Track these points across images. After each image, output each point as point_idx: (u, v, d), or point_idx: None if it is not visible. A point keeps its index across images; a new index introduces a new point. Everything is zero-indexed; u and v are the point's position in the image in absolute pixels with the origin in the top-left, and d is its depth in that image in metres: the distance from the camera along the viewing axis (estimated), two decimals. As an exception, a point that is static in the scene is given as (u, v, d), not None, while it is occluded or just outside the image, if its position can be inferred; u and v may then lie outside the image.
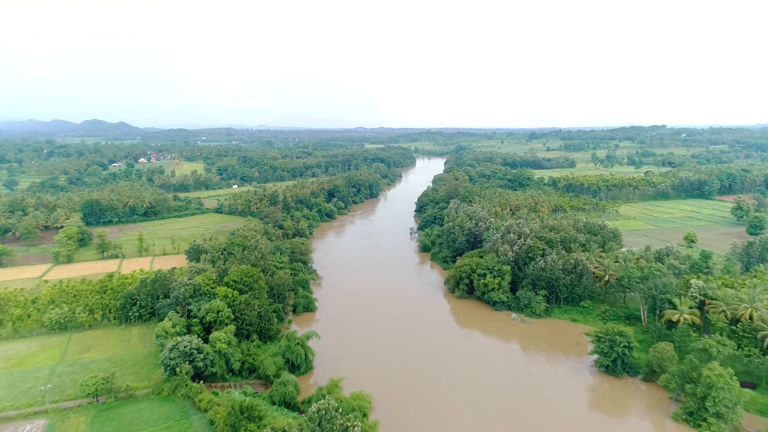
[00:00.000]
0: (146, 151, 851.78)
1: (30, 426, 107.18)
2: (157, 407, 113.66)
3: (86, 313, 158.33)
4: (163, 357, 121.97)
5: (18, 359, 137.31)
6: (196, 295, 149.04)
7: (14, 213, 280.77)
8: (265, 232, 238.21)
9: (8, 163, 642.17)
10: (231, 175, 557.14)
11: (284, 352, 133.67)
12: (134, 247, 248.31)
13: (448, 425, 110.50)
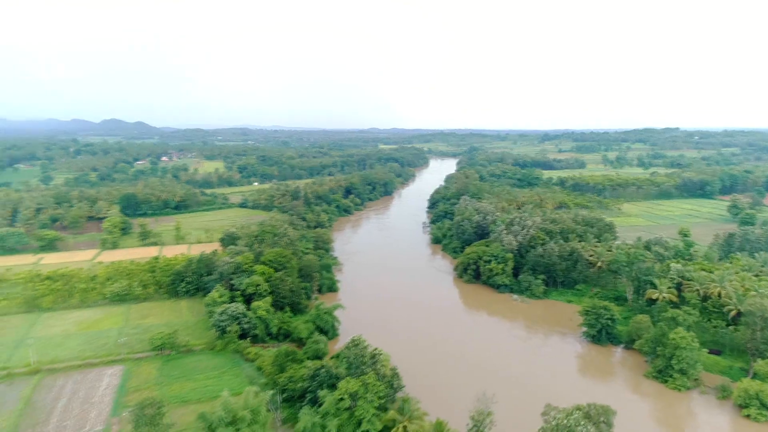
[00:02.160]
0: (167, 150, 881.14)
1: (111, 370, 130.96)
2: (212, 359, 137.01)
3: (141, 287, 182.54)
4: (215, 319, 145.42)
5: (89, 323, 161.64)
6: (238, 271, 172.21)
7: (61, 205, 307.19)
8: (290, 223, 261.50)
9: (39, 161, 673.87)
10: (251, 173, 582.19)
11: (314, 320, 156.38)
12: (171, 236, 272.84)
13: (454, 382, 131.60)
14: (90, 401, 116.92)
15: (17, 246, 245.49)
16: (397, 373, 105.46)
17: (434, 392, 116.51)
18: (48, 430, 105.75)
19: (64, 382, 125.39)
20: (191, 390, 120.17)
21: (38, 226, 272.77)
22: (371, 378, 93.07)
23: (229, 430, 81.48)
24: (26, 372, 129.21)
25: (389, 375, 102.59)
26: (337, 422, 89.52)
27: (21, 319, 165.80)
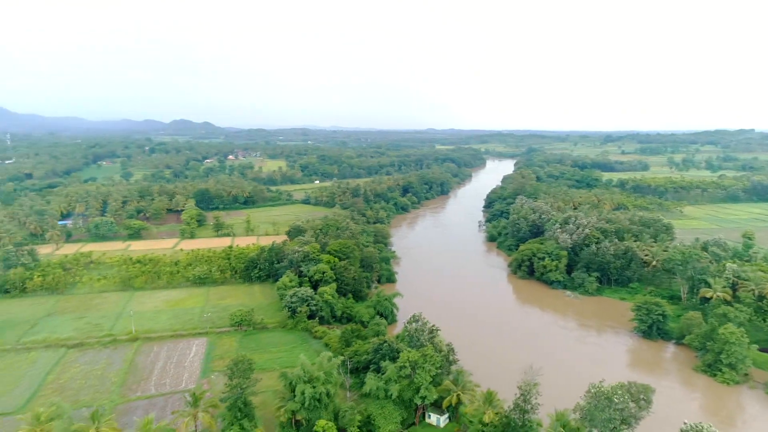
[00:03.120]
0: (233, 149, 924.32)
1: (197, 341, 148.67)
2: (284, 335, 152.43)
3: (219, 272, 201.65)
4: (286, 301, 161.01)
5: (175, 301, 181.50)
6: (306, 259, 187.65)
7: (144, 198, 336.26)
8: (351, 218, 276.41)
9: (119, 158, 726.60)
10: (312, 171, 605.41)
11: (375, 305, 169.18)
12: (242, 228, 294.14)
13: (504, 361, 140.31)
14: (182, 365, 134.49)
15: (109, 234, 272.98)
16: (452, 348, 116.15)
17: (485, 368, 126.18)
18: (150, 386, 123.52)
19: (159, 349, 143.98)
20: (267, 360, 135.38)
21: (125, 216, 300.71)
22: (429, 350, 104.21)
23: (307, 386, 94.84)
24: (127, 339, 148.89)
25: (445, 350, 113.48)
26: (398, 387, 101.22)
27: (118, 296, 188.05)
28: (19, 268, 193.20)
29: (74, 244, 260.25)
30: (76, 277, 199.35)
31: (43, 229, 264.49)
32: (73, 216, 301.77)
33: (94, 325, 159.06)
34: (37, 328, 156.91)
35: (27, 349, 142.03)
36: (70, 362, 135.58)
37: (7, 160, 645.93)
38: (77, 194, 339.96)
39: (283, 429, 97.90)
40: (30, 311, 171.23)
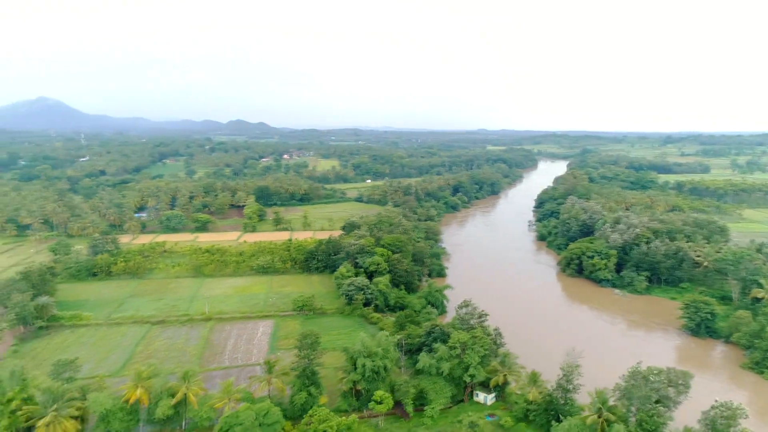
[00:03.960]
0: (287, 148, 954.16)
1: (264, 323, 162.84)
2: (341, 320, 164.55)
3: (281, 262, 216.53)
4: (344, 289, 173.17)
5: (242, 288, 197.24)
6: (362, 252, 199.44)
7: (209, 194, 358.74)
8: (403, 215, 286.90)
9: (182, 157, 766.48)
10: (364, 171, 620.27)
11: (426, 296, 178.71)
12: (299, 223, 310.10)
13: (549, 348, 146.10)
14: (251, 342, 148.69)
15: (178, 226, 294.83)
16: (499, 332, 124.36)
17: (531, 352, 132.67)
18: (224, 359, 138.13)
19: (230, 329, 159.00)
20: (326, 341, 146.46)
21: (192, 210, 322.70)
22: (479, 332, 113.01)
23: (367, 360, 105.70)
24: (202, 319, 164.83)
25: (493, 333, 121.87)
26: (449, 365, 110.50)
27: (190, 281, 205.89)
28: (105, 254, 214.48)
29: (148, 235, 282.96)
30: (153, 264, 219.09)
31: (122, 221, 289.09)
32: (148, 209, 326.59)
33: (171, 306, 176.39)
34: (124, 307, 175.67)
35: (117, 324, 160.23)
36: (154, 336, 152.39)
37: (81, 158, 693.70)
38: (148, 189, 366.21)
39: (344, 397, 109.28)
40: (116, 292, 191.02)
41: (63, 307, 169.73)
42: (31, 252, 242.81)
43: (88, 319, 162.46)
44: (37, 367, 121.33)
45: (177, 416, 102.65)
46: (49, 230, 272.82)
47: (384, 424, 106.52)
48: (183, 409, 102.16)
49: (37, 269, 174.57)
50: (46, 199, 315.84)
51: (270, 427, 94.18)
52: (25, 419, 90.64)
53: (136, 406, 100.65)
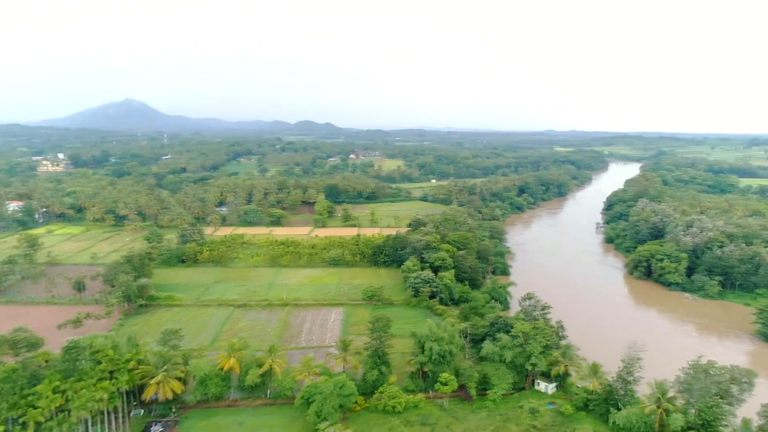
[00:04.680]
0: (353, 149, 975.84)
1: (335, 310, 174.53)
2: (408, 311, 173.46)
3: (350, 255, 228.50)
4: (410, 281, 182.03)
5: (315, 278, 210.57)
6: (427, 248, 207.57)
7: (282, 190, 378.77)
8: (468, 214, 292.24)
9: (255, 155, 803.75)
10: (429, 171, 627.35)
11: (490, 292, 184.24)
12: (366, 220, 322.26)
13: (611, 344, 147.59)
14: (325, 327, 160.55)
15: (255, 220, 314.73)
16: (562, 325, 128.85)
17: (592, 346, 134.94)
18: (301, 340, 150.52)
19: (305, 314, 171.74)
20: (394, 329, 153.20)
21: (267, 206, 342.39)
22: (541, 324, 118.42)
23: (434, 344, 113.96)
24: (279, 304, 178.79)
25: (555, 326, 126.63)
26: (511, 353, 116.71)
27: (268, 270, 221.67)
28: (192, 243, 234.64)
29: (228, 228, 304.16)
30: (234, 254, 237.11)
31: (205, 214, 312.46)
32: (228, 204, 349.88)
33: (252, 292, 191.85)
34: (210, 291, 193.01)
35: (205, 306, 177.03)
36: (237, 318, 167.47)
37: (164, 156, 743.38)
38: (227, 186, 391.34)
39: (412, 378, 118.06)
40: (202, 278, 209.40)
41: (158, 289, 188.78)
42: (127, 240, 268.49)
43: (181, 300, 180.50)
44: (141, 338, 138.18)
45: (263, 385, 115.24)
46: (142, 221, 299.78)
47: (448, 405, 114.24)
48: (268, 379, 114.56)
49: (138, 254, 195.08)
50: (138, 193, 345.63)
51: (346, 398, 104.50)
52: (140, 377, 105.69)
53: (228, 373, 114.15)
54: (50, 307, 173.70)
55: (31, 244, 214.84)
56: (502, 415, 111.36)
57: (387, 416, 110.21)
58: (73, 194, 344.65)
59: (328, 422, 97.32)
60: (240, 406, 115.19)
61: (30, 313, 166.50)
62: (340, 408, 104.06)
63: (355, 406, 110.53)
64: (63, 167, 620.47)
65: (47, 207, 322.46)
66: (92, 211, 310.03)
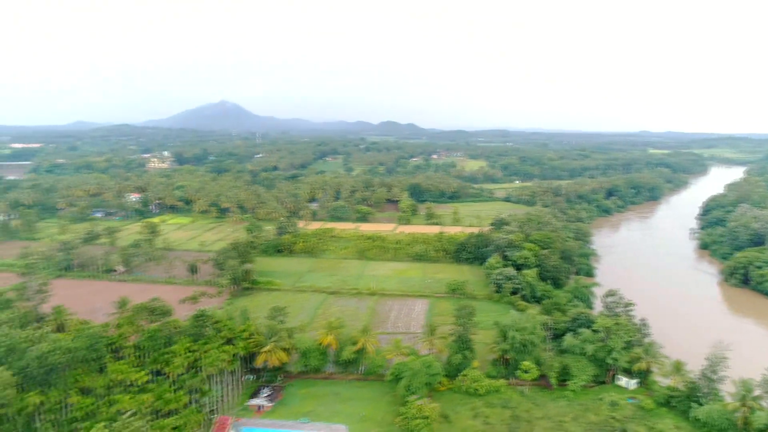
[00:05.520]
0: (436, 149, 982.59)
1: (420, 302, 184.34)
2: (490, 306, 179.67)
3: (434, 251, 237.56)
4: (493, 278, 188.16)
5: (400, 271, 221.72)
6: (510, 246, 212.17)
7: (368, 188, 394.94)
8: (552, 215, 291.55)
9: (340, 155, 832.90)
10: (512, 172, 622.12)
11: (573, 291, 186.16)
12: (449, 218, 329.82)
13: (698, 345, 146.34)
14: (410, 316, 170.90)
15: (342, 215, 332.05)
16: (645, 323, 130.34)
17: (676, 347, 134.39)
18: (388, 326, 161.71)
19: (392, 304, 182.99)
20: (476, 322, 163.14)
21: (354, 202, 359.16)
22: (623, 320, 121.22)
23: (516, 333, 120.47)
24: (368, 293, 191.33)
25: (638, 323, 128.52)
26: (593, 347, 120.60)
27: (356, 263, 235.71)
28: (287, 235, 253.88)
29: (317, 222, 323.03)
30: (325, 246, 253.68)
31: (297, 208, 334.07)
32: (318, 200, 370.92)
33: (342, 281, 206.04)
34: (304, 278, 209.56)
35: (301, 291, 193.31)
36: (330, 304, 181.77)
37: (257, 155, 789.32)
38: (317, 183, 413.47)
39: (494, 365, 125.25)
40: (297, 267, 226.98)
41: (258, 274, 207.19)
42: (229, 230, 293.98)
43: (279, 285, 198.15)
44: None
45: (356, 362, 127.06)
46: (241, 213, 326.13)
47: (529, 392, 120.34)
48: (361, 356, 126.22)
49: (242, 243, 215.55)
50: (238, 189, 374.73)
51: (432, 376, 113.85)
52: (253, 345, 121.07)
53: (326, 349, 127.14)
54: (169, 285, 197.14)
55: (152, 231, 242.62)
56: (581, 405, 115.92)
57: (469, 397, 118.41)
58: (182, 188, 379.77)
59: (416, 396, 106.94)
60: (335, 379, 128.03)
61: (154, 289, 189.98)
62: (427, 386, 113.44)
63: (439, 386, 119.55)
64: (168, 164, 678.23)
65: (160, 199, 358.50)
66: (198, 204, 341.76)
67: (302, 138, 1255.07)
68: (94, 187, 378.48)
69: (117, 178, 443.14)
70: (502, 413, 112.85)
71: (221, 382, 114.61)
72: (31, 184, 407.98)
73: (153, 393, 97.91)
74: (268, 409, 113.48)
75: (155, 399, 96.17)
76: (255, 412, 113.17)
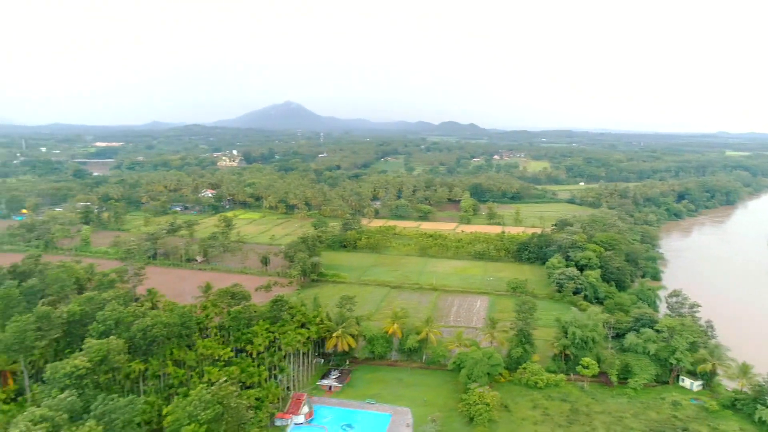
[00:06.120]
0: (497, 150, 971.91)
1: (480, 298, 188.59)
2: (551, 305, 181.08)
3: (495, 250, 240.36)
4: (555, 277, 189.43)
5: (460, 269, 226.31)
6: (573, 246, 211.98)
7: (428, 188, 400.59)
8: (618, 218, 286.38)
9: (401, 155, 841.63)
10: (577, 173, 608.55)
11: (638, 293, 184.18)
12: (510, 219, 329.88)
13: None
14: (471, 311, 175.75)
15: (404, 214, 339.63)
16: (711, 324, 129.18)
17: (744, 350, 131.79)
18: (449, 320, 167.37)
19: (452, 299, 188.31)
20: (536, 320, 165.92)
21: (416, 201, 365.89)
22: (687, 321, 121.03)
23: (577, 329, 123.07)
24: (429, 288, 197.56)
25: (704, 325, 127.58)
26: (655, 346, 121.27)
27: (417, 259, 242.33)
28: (351, 231, 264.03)
29: (380, 220, 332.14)
30: (387, 243, 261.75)
31: (360, 206, 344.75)
32: (380, 199, 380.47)
33: (404, 276, 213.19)
34: (368, 273, 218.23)
35: (365, 284, 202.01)
36: (393, 297, 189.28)
37: (320, 154, 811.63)
38: (379, 182, 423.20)
39: (554, 360, 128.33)
40: (361, 261, 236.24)
41: (325, 268, 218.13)
42: (296, 226, 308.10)
43: (345, 278, 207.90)
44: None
45: (419, 350, 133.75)
46: (308, 210, 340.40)
47: (588, 388, 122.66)
48: (424, 346, 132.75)
49: (310, 237, 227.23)
50: (304, 186, 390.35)
51: (493, 367, 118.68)
52: (324, 331, 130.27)
53: (391, 337, 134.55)
54: (243, 275, 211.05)
55: (227, 225, 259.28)
56: (642, 403, 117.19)
57: (529, 390, 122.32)
58: (252, 185, 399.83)
59: (477, 384, 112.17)
60: (399, 366, 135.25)
61: (230, 278, 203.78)
62: (487, 376, 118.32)
63: (499, 377, 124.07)
64: (237, 162, 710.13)
65: (232, 195, 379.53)
66: (268, 200, 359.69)
67: (364, 138, 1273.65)
68: (173, 183, 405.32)
69: (193, 175, 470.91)
70: (561, 406, 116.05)
71: (295, 363, 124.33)
72: (117, 179, 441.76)
73: (238, 366, 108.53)
74: (337, 390, 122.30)
75: (240, 372, 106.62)
76: (325, 391, 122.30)
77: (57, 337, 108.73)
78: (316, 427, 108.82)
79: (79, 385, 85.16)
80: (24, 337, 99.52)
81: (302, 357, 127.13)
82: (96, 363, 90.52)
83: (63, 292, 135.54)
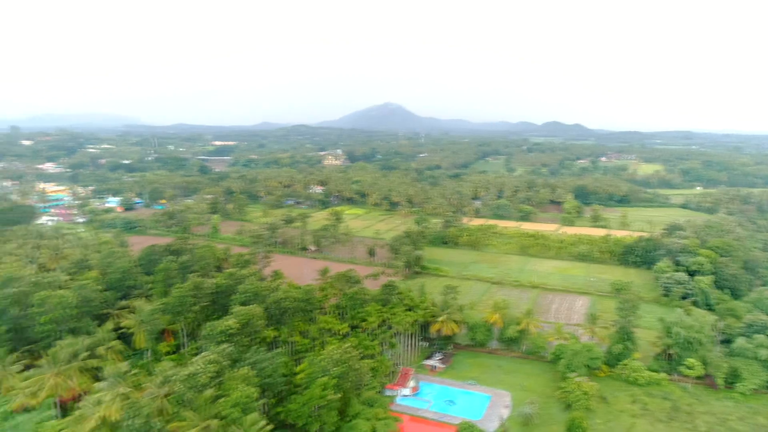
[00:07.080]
0: (605, 151, 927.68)
1: (581, 298, 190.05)
2: (656, 308, 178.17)
3: (599, 252, 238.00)
4: (662, 281, 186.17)
5: (562, 269, 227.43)
6: (684, 251, 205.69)
7: (531, 188, 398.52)
8: (738, 224, 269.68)
9: (502, 156, 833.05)
10: (693, 177, 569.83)
11: (754, 302, 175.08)
12: (616, 222, 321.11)
13: None
14: (571, 310, 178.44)
15: (504, 213, 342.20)
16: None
17: None
18: (549, 316, 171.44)
19: (552, 297, 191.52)
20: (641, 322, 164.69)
21: (517, 202, 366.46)
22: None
23: (681, 330, 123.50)
24: (529, 286, 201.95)
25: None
26: (767, 353, 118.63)
27: (517, 258, 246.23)
28: (453, 228, 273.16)
29: (480, 219, 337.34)
30: (487, 241, 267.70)
31: (461, 205, 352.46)
32: (480, 198, 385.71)
33: (504, 273, 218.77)
34: (468, 268, 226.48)
35: (466, 279, 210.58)
36: (493, 292, 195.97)
37: (420, 154, 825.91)
38: (479, 182, 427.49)
39: (656, 359, 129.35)
40: (461, 257, 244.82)
41: (427, 261, 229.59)
42: (399, 222, 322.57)
43: (446, 272, 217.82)
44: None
45: (519, 340, 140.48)
46: (410, 207, 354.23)
47: (692, 389, 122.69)
48: (524, 336, 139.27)
49: (414, 232, 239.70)
50: (406, 185, 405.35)
51: (592, 360, 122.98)
52: (430, 315, 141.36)
53: (491, 326, 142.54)
54: (352, 264, 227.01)
55: (337, 218, 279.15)
56: (750, 407, 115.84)
57: (629, 385, 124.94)
58: (358, 183, 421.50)
59: (575, 374, 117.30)
60: (498, 354, 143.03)
61: (340, 267, 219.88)
62: (586, 368, 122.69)
63: (598, 371, 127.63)
64: (341, 161, 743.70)
65: (339, 192, 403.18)
66: (372, 197, 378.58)
67: (463, 138, 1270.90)
68: (286, 179, 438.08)
69: (303, 172, 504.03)
70: (662, 403, 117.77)
71: (402, 342, 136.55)
72: (237, 175, 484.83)
73: (356, 338, 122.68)
74: (440, 370, 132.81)
75: (357, 344, 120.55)
76: (429, 370, 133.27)
77: (205, 305, 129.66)
78: (420, 400, 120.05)
79: (231, 341, 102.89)
80: (184, 302, 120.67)
81: (409, 338, 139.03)
82: (242, 325, 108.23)
83: (207, 269, 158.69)
